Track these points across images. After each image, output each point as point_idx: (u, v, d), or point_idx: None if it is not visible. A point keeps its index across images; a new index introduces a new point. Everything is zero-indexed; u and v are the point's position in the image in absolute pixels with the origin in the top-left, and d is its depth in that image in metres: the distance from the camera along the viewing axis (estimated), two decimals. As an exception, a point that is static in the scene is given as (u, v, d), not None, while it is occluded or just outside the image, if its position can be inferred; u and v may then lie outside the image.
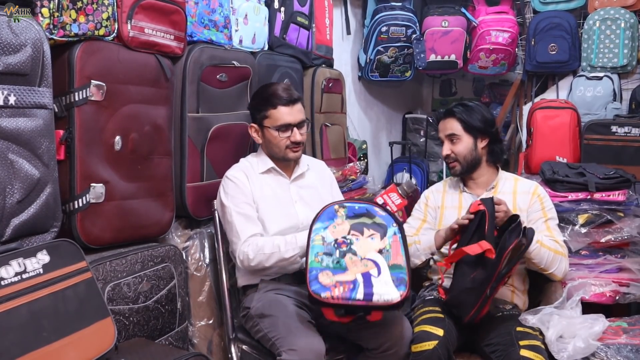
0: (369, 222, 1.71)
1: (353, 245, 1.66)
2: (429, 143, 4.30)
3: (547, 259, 1.91)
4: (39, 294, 1.29)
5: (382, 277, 1.59)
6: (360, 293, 1.55)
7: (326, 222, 1.70)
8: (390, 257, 1.64)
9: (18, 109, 1.36)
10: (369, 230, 1.70)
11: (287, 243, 1.80)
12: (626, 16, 3.17)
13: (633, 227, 2.32)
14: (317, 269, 1.60)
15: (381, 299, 1.55)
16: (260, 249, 1.83)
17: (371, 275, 1.59)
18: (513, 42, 3.54)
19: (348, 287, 1.56)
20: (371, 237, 1.68)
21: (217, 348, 2.10)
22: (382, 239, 1.67)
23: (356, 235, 1.68)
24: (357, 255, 1.64)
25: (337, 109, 2.98)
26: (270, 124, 1.95)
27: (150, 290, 1.75)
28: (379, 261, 1.63)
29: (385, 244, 1.66)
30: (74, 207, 1.62)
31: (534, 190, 2.04)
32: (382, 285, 1.57)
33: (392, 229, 1.70)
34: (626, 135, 2.80)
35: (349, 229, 1.69)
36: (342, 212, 1.73)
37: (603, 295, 2.28)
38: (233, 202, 1.92)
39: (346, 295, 1.55)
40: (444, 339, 1.72)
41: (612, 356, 1.74)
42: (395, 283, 1.58)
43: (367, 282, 1.57)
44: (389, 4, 3.52)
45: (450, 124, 2.07)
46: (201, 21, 2.06)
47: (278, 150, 1.98)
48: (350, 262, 1.62)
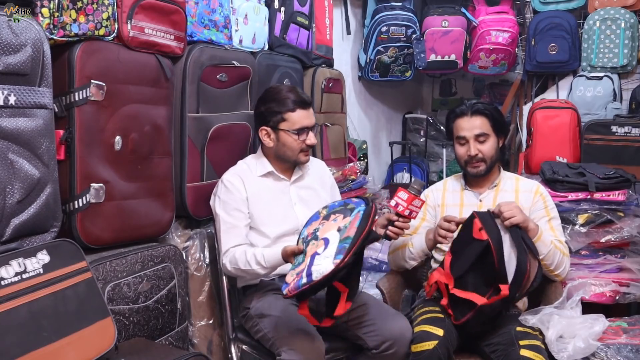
0: (339, 209, 1.66)
1: (318, 232, 1.62)
2: (429, 143, 4.31)
3: (557, 260, 1.91)
4: (39, 294, 1.29)
5: (326, 252, 1.51)
6: (304, 277, 1.49)
7: (310, 223, 1.70)
8: (345, 231, 1.56)
9: (18, 109, 1.36)
10: (335, 215, 1.64)
11: (257, 262, 1.78)
12: (626, 16, 3.18)
13: (633, 227, 2.32)
14: (291, 269, 1.59)
15: (317, 274, 1.47)
16: (235, 261, 1.83)
17: (316, 254, 1.53)
18: (513, 42, 3.54)
19: (299, 276, 1.52)
20: (334, 220, 1.63)
21: (217, 348, 2.10)
22: (345, 218, 1.60)
23: (323, 222, 1.64)
24: (317, 239, 1.59)
25: (337, 109, 2.98)
26: (287, 127, 1.92)
27: (150, 290, 1.75)
28: (330, 238, 1.56)
29: (346, 222, 1.59)
30: (74, 207, 1.62)
31: (536, 190, 2.04)
32: (321, 260, 1.49)
33: (358, 209, 1.62)
34: (626, 135, 2.80)
35: (320, 220, 1.67)
36: (324, 212, 1.71)
37: (603, 295, 2.28)
38: (223, 209, 1.92)
39: (296, 285, 1.50)
40: (444, 339, 1.72)
41: (612, 356, 1.74)
42: (336, 254, 1.49)
43: (311, 262, 1.51)
44: (389, 4, 3.52)
45: (478, 122, 1.98)
46: (201, 21, 2.06)
47: (291, 154, 1.96)
48: (310, 247, 1.57)
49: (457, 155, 2.06)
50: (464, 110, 2.01)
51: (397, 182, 3.96)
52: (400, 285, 2.15)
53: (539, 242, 1.85)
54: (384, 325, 1.80)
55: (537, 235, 1.85)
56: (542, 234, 1.87)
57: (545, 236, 1.88)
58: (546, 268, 1.93)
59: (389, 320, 1.81)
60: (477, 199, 2.05)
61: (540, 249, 1.84)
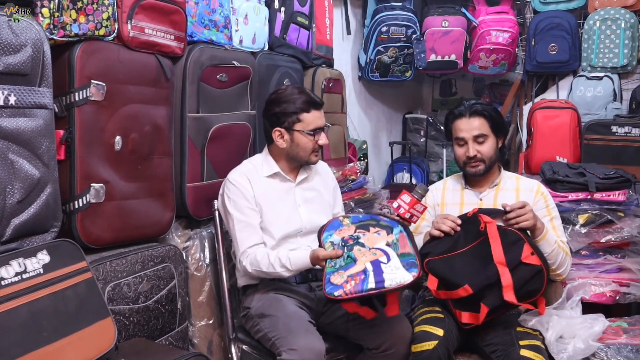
0: (374, 223, 1.74)
1: (360, 239, 1.67)
2: (429, 143, 4.30)
3: (560, 260, 1.91)
4: (39, 294, 1.29)
5: (392, 263, 1.58)
6: (371, 282, 1.55)
7: (332, 230, 1.74)
8: (399, 248, 1.64)
9: (18, 109, 1.36)
10: (375, 228, 1.71)
11: (282, 264, 1.79)
12: (626, 16, 3.18)
13: (633, 227, 2.32)
14: (330, 272, 1.62)
15: (393, 282, 1.55)
16: (257, 264, 1.83)
17: (380, 262, 1.58)
18: (513, 42, 3.54)
19: (359, 278, 1.56)
20: (377, 233, 1.69)
21: (217, 348, 2.10)
22: (389, 234, 1.68)
23: (362, 232, 1.70)
24: (365, 246, 1.64)
25: (337, 109, 2.98)
26: (303, 127, 1.93)
27: (151, 290, 1.75)
28: (387, 250, 1.62)
29: (392, 238, 1.67)
30: (74, 207, 1.62)
31: (537, 189, 2.04)
32: (393, 270, 1.56)
33: (398, 228, 1.72)
34: (626, 135, 2.80)
35: (354, 229, 1.71)
36: (347, 220, 1.76)
37: (603, 295, 2.28)
38: (236, 208, 1.91)
39: (358, 288, 1.55)
40: (444, 339, 1.72)
41: (612, 356, 1.74)
42: (406, 267, 1.58)
43: (377, 270, 1.56)
44: (389, 4, 3.52)
45: (477, 123, 1.98)
46: (201, 21, 2.06)
47: (304, 154, 1.96)
48: (358, 253, 1.62)
49: (455, 155, 2.06)
50: (462, 112, 2.01)
51: (397, 182, 3.96)
52: (400, 285, 2.14)
53: (543, 241, 1.85)
54: (384, 325, 1.80)
55: (542, 235, 1.85)
56: (547, 233, 1.87)
57: (550, 235, 1.88)
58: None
59: (389, 320, 1.81)
60: (478, 198, 2.05)
61: (544, 248, 1.84)
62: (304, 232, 1.98)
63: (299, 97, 1.93)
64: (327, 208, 2.09)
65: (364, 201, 2.96)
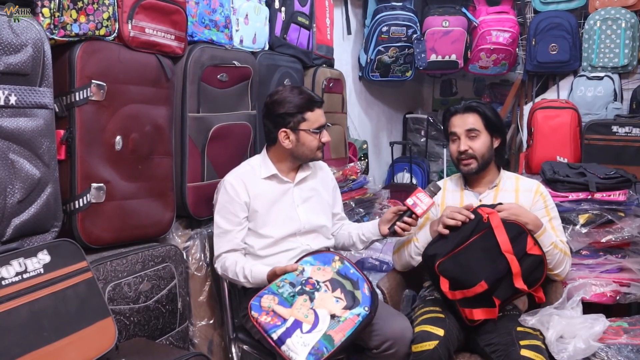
0: (349, 288, 1.71)
1: (317, 292, 1.68)
2: (429, 143, 4.31)
3: (557, 260, 1.91)
4: (39, 293, 1.29)
5: (308, 337, 1.57)
6: (277, 334, 1.57)
7: (317, 262, 1.75)
8: (335, 328, 1.61)
9: (19, 109, 1.36)
10: (341, 294, 1.69)
11: (244, 275, 1.82)
12: (627, 16, 3.18)
13: (634, 227, 2.32)
14: (272, 290, 1.66)
15: (288, 352, 1.55)
16: (225, 269, 1.88)
17: (300, 327, 1.59)
18: (514, 42, 3.54)
19: (275, 321, 1.59)
20: (336, 300, 1.67)
21: (217, 348, 2.10)
22: (345, 309, 1.65)
23: (327, 287, 1.70)
24: (311, 302, 1.65)
25: (337, 109, 2.98)
26: (308, 126, 1.93)
27: (151, 290, 1.75)
28: (320, 319, 1.61)
29: (344, 315, 1.64)
30: (75, 207, 1.62)
31: (536, 189, 2.04)
32: (299, 344, 1.56)
33: (360, 310, 1.66)
34: (627, 135, 2.80)
35: (330, 278, 1.72)
36: (337, 265, 1.76)
37: (603, 295, 2.28)
38: (218, 212, 1.94)
39: (266, 328, 1.59)
40: (445, 339, 1.72)
41: (612, 356, 1.74)
42: (312, 351, 1.55)
43: (290, 330, 1.57)
44: (389, 4, 3.52)
45: (470, 119, 2.00)
46: (202, 21, 2.06)
47: (309, 152, 1.97)
48: (299, 304, 1.63)
49: (450, 152, 2.08)
50: (457, 109, 2.05)
51: (398, 182, 3.96)
52: (400, 285, 2.15)
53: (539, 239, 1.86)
54: (384, 325, 1.80)
55: (536, 235, 1.86)
56: (544, 234, 1.87)
57: (546, 237, 1.88)
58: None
59: (390, 320, 1.81)
60: (477, 199, 2.05)
61: None
62: (302, 232, 1.98)
63: (301, 97, 1.94)
64: (327, 207, 2.09)
65: (365, 201, 2.97)
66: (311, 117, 1.94)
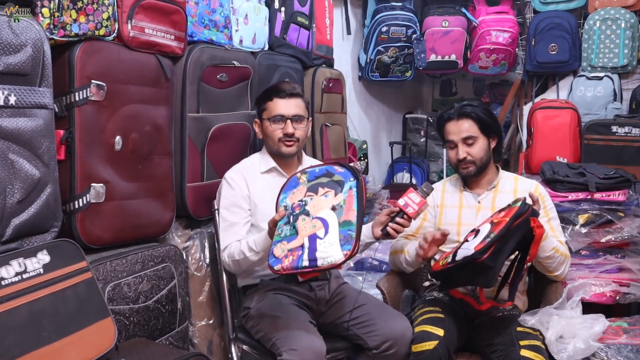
0: (326, 180, 1.67)
1: (307, 205, 1.62)
2: (429, 143, 4.31)
3: (557, 263, 1.92)
4: (39, 293, 1.29)
5: (329, 237, 1.53)
6: (305, 260, 1.51)
7: (288, 191, 1.70)
8: (343, 212, 1.57)
9: (18, 109, 1.36)
10: (324, 189, 1.64)
11: (249, 248, 1.80)
12: (626, 16, 3.18)
13: (633, 227, 2.32)
14: (275, 242, 1.60)
15: (325, 262, 1.49)
16: (232, 255, 1.87)
17: (317, 237, 1.54)
18: (513, 42, 3.54)
19: (297, 254, 1.53)
20: (325, 195, 1.63)
21: (217, 348, 2.10)
22: (337, 195, 1.61)
23: (311, 195, 1.64)
24: (309, 215, 1.60)
25: (337, 109, 2.98)
26: (266, 115, 2.00)
27: (151, 290, 1.75)
28: (328, 219, 1.57)
29: (339, 200, 1.60)
30: (75, 207, 1.62)
31: (535, 189, 2.03)
32: (327, 247, 1.51)
33: (349, 184, 1.62)
34: (626, 135, 2.81)
35: (305, 191, 1.66)
36: (303, 178, 1.71)
37: (603, 295, 2.28)
38: (223, 205, 1.95)
39: (294, 265, 1.51)
40: (445, 339, 1.72)
41: (612, 356, 1.74)
42: (342, 242, 1.51)
43: (312, 246, 1.53)
44: (389, 4, 3.52)
45: (465, 126, 1.99)
46: (201, 21, 2.06)
47: (272, 144, 2.00)
48: (301, 225, 1.58)
49: (449, 158, 2.08)
50: (451, 115, 2.03)
51: (398, 182, 3.96)
52: (400, 285, 2.15)
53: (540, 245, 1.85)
54: (384, 325, 1.80)
55: None
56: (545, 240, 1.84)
57: (547, 243, 1.86)
58: (545, 269, 1.95)
59: (390, 320, 1.81)
60: (476, 200, 2.05)
61: (539, 253, 1.85)
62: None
63: (270, 88, 2.03)
64: None
65: (364, 201, 2.96)
66: (270, 106, 1.99)
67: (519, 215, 1.69)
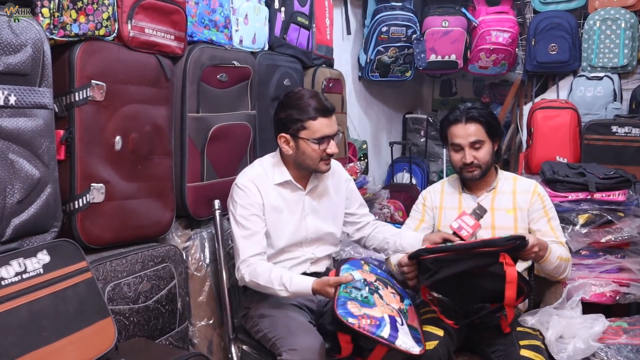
0: (390, 284, 1.80)
1: (380, 290, 1.69)
2: (429, 143, 4.31)
3: (562, 269, 1.92)
4: (39, 294, 1.29)
5: (404, 328, 1.58)
6: (385, 332, 1.52)
7: (355, 268, 1.76)
8: (408, 318, 1.66)
9: (18, 109, 1.36)
10: (390, 289, 1.76)
11: (281, 283, 1.72)
12: (626, 16, 3.18)
13: (633, 227, 2.33)
14: (345, 297, 1.59)
15: (403, 345, 1.52)
16: (255, 276, 1.77)
17: (397, 321, 1.58)
18: (513, 42, 3.54)
19: (374, 322, 1.54)
20: (392, 294, 1.73)
21: (217, 348, 2.10)
22: (401, 301, 1.73)
23: (381, 285, 1.74)
24: (383, 299, 1.65)
25: (337, 109, 2.97)
26: (308, 135, 1.83)
27: (151, 290, 1.75)
28: (401, 314, 1.65)
29: (403, 306, 1.71)
30: (74, 207, 1.62)
31: (534, 189, 2.03)
32: (405, 335, 1.55)
33: (408, 300, 1.79)
34: (626, 135, 2.81)
35: (375, 278, 1.76)
36: (366, 267, 1.82)
37: (603, 295, 2.28)
38: (240, 214, 1.85)
39: (372, 330, 1.51)
40: (445, 339, 1.72)
41: (612, 356, 1.74)
42: (414, 340, 1.56)
43: (394, 325, 1.56)
44: (389, 4, 3.52)
45: (473, 129, 1.94)
46: (201, 21, 2.06)
47: (311, 163, 1.87)
48: (378, 301, 1.63)
49: (452, 161, 2.04)
50: (458, 117, 1.98)
51: (397, 182, 3.96)
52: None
53: (545, 263, 1.85)
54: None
55: (542, 259, 1.84)
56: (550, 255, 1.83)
57: (551, 256, 1.85)
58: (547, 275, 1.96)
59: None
60: (475, 202, 2.04)
61: (545, 267, 1.88)
62: (308, 241, 1.97)
63: (308, 103, 1.82)
64: (337, 213, 2.05)
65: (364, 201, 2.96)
66: (313, 126, 1.82)
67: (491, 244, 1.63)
